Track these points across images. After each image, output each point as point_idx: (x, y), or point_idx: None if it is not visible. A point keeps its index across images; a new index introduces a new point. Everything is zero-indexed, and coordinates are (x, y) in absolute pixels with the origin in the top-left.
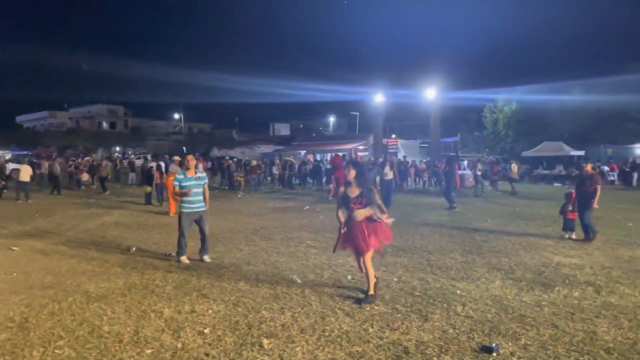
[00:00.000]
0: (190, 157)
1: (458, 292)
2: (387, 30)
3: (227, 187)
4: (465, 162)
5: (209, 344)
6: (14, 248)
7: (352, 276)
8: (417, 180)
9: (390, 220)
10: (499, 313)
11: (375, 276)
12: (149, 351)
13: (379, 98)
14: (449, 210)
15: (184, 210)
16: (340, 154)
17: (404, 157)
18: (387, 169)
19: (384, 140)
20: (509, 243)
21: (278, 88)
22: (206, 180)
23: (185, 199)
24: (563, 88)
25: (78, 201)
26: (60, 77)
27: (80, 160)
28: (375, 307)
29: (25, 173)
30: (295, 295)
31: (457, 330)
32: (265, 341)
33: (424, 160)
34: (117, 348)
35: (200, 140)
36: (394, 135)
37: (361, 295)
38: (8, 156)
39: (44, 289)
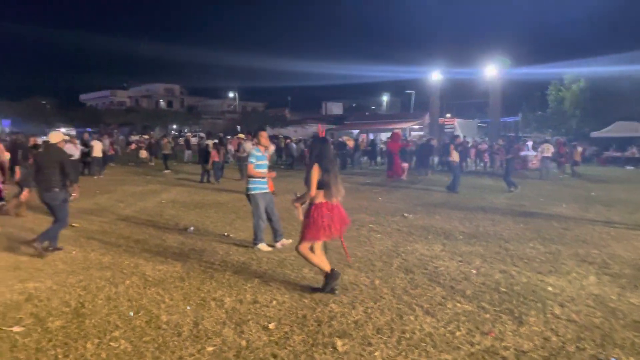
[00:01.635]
0: (265, 132)
1: (550, 288)
2: (445, 4)
3: (283, 166)
4: (530, 143)
5: (276, 343)
6: (74, 225)
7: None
8: (478, 161)
9: (299, 208)
10: (607, 317)
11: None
12: (210, 348)
13: (435, 76)
14: (507, 193)
15: (259, 192)
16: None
17: (464, 137)
18: (452, 151)
19: (440, 120)
20: (594, 232)
21: (332, 68)
22: None
23: (258, 179)
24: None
25: (137, 178)
26: (120, 59)
27: (139, 137)
28: (458, 305)
29: (98, 149)
30: (365, 286)
31: (562, 338)
32: (338, 342)
33: (486, 140)
34: (175, 343)
35: (253, 119)
36: (448, 115)
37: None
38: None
39: (101, 269)
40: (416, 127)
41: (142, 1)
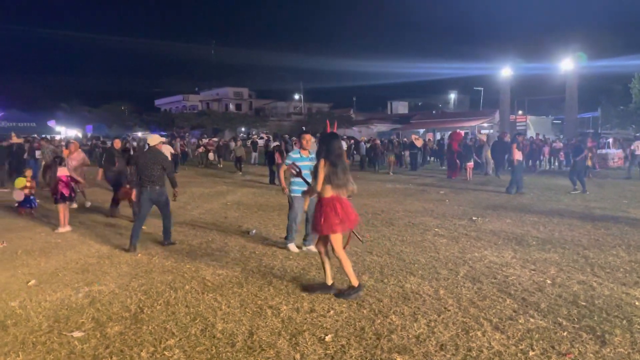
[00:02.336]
0: (308, 136)
1: (636, 303)
2: None
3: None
4: (611, 140)
5: (332, 357)
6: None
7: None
8: (552, 160)
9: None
10: None
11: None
12: None
13: (505, 72)
14: (574, 191)
15: (297, 195)
16: (463, 131)
17: (537, 134)
18: (514, 150)
19: (512, 117)
20: None
21: (397, 66)
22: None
23: (296, 180)
24: None
25: (205, 180)
26: (192, 64)
27: (208, 140)
28: (531, 320)
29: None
30: (428, 296)
31: None
32: (398, 359)
33: (560, 138)
34: (229, 354)
35: (318, 120)
36: (520, 112)
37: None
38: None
39: (163, 273)
40: (485, 124)
41: (210, 9)
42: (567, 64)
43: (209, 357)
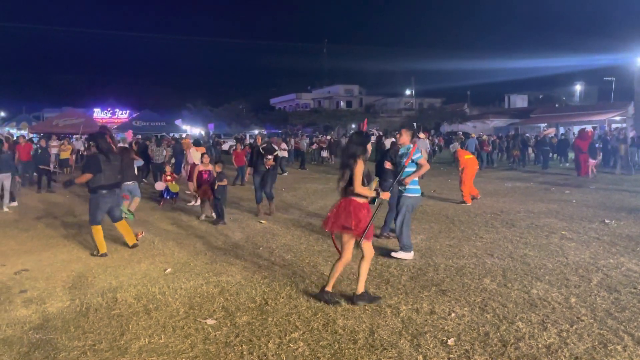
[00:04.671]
0: (403, 130)
1: None
2: None
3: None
4: None
5: None
6: (262, 221)
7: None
8: None
9: None
10: None
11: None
12: None
13: None
14: None
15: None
16: (589, 126)
17: None
18: None
19: None
20: None
21: (515, 59)
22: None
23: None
24: None
25: (318, 176)
26: (305, 64)
27: (320, 137)
28: None
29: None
30: (558, 304)
31: None
32: None
33: None
34: (351, 351)
35: (430, 116)
36: None
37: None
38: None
39: (284, 266)
40: (617, 118)
41: (322, 10)
42: None
43: (332, 352)
